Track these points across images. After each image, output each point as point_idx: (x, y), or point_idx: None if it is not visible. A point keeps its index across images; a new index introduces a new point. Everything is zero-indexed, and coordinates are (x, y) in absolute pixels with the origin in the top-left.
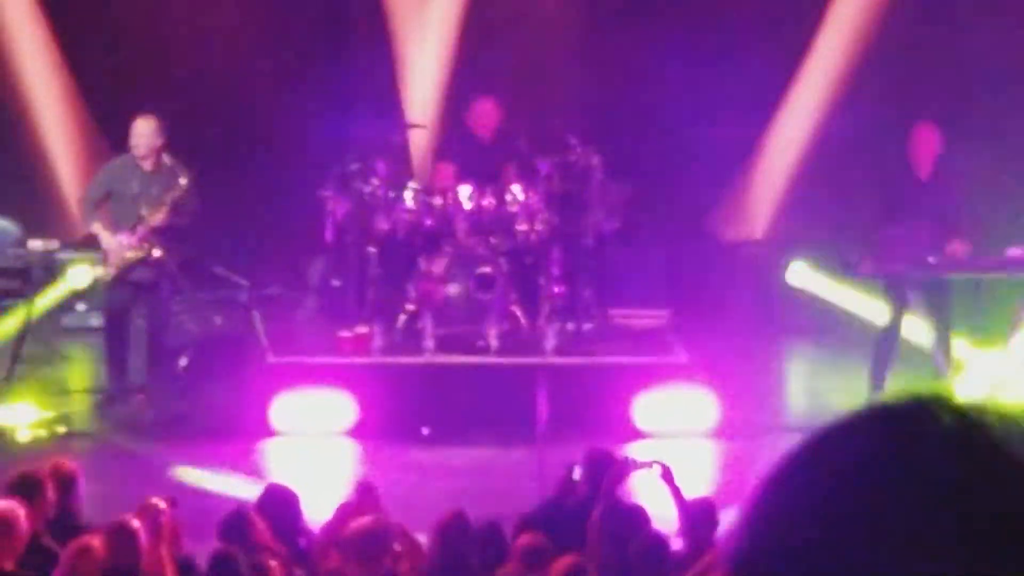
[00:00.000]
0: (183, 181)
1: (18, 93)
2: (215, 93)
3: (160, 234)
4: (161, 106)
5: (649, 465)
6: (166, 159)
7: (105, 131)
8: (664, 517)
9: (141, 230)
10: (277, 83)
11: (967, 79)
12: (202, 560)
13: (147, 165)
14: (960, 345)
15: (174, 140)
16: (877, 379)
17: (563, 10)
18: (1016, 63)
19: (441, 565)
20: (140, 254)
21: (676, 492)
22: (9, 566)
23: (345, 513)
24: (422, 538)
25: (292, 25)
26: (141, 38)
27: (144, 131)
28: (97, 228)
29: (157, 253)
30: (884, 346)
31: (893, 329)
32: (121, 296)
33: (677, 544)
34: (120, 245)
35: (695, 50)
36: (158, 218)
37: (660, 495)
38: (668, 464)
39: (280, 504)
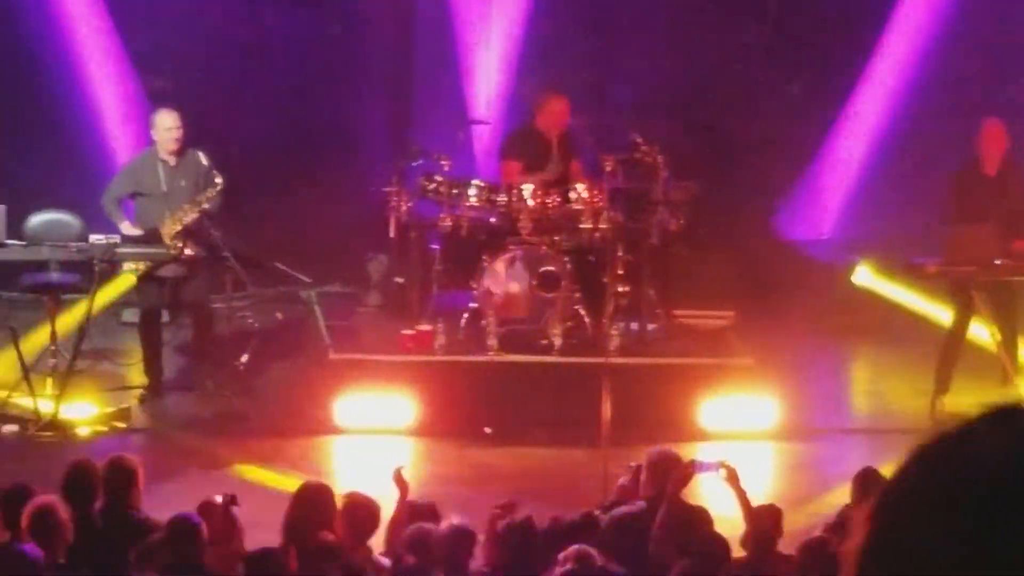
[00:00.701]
0: (219, 180)
1: (80, 90)
2: (277, 90)
3: (191, 233)
4: (221, 103)
5: (715, 467)
6: (202, 159)
7: None
8: (728, 519)
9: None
10: (341, 78)
11: None
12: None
13: (171, 159)
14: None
15: (233, 137)
16: (942, 381)
17: (630, 8)
18: None
19: (503, 567)
20: (174, 250)
21: (742, 495)
22: (60, 559)
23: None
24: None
25: (355, 21)
26: (201, 35)
27: (170, 123)
28: (126, 227)
29: (189, 251)
30: (949, 348)
31: (958, 331)
32: (154, 295)
33: (738, 547)
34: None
35: (763, 48)
36: (190, 217)
37: (725, 497)
38: (734, 466)
39: (314, 501)
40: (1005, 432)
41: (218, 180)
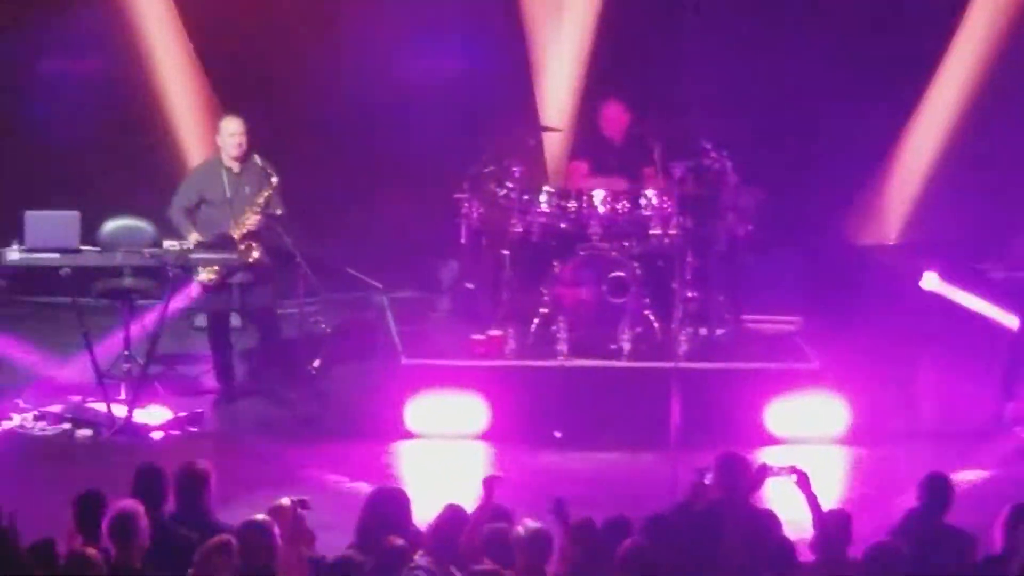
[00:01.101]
0: (275, 180)
1: (155, 100)
2: (348, 99)
3: (255, 237)
4: (297, 113)
5: (786, 471)
6: (256, 159)
7: None
8: (797, 523)
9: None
10: (413, 86)
11: None
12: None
13: (235, 165)
14: None
15: (308, 144)
16: (1007, 387)
17: (700, 12)
18: None
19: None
20: (239, 256)
21: (812, 499)
22: (136, 564)
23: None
24: None
25: (425, 31)
26: (277, 52)
27: (236, 130)
28: (194, 238)
29: (256, 256)
30: (1015, 354)
31: (1023, 337)
32: (222, 300)
33: (807, 552)
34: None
35: (828, 53)
36: (253, 222)
37: (794, 502)
38: (804, 471)
39: (391, 506)
40: None
41: (273, 179)
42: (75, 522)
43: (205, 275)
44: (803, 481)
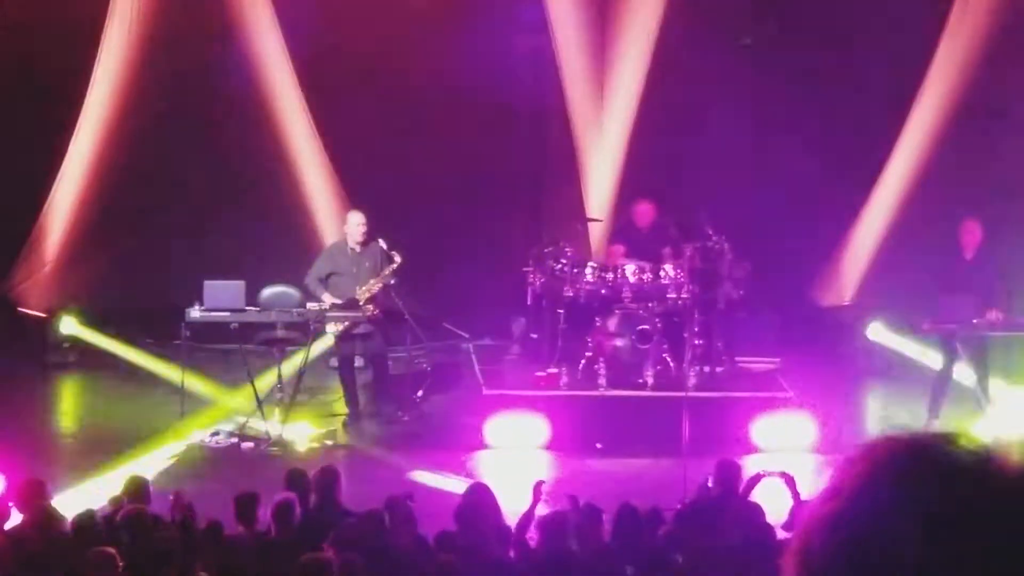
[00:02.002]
0: (398, 259)
1: (298, 188)
2: (447, 196)
3: (374, 299)
4: (406, 201)
5: (777, 474)
6: (382, 244)
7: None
8: (776, 513)
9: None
10: (495, 185)
11: (1006, 179)
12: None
13: (357, 247)
14: (996, 386)
15: (417, 225)
16: (933, 410)
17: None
18: None
19: (617, 544)
20: (363, 314)
21: (796, 494)
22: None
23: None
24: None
25: (504, 144)
26: (387, 148)
27: (358, 221)
28: (327, 297)
29: (373, 311)
30: (939, 385)
31: (946, 373)
32: (349, 346)
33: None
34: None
35: (800, 161)
36: (377, 287)
37: (780, 497)
38: (792, 474)
39: (482, 498)
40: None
41: (397, 259)
42: (236, 512)
43: (334, 327)
44: (790, 481)
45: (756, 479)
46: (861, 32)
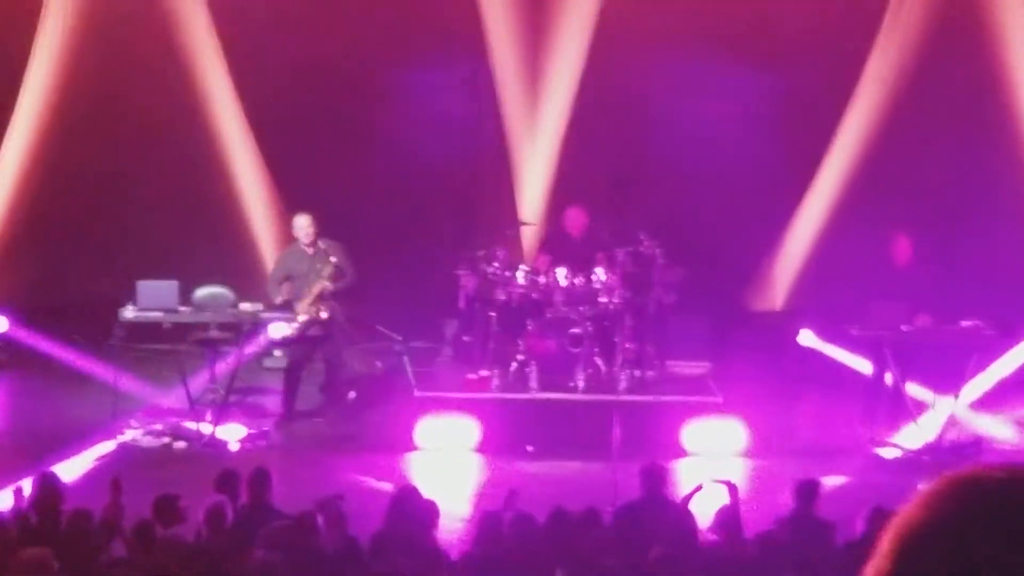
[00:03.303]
0: (333, 259)
1: (232, 189)
2: (384, 207)
3: (324, 300)
4: (339, 211)
5: (722, 483)
6: (321, 243)
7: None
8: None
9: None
10: (428, 191)
11: (938, 187)
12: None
13: (309, 249)
14: (924, 392)
15: (347, 233)
16: (866, 417)
17: (638, 130)
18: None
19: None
20: (313, 316)
21: (735, 502)
22: (223, 539)
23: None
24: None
25: (436, 148)
26: (322, 153)
27: (305, 224)
28: (279, 300)
29: (324, 315)
30: (869, 392)
31: (877, 379)
32: (300, 350)
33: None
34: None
35: (734, 167)
36: (318, 287)
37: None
38: (735, 483)
39: (411, 498)
40: (1009, 477)
41: (332, 259)
42: (153, 514)
43: (288, 330)
44: (733, 489)
45: (698, 488)
46: (794, 41)
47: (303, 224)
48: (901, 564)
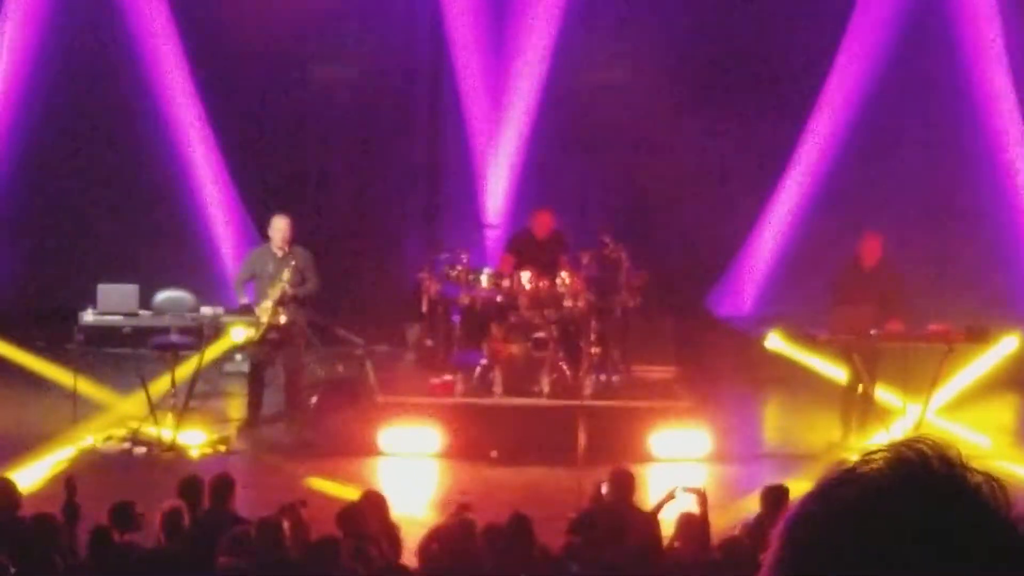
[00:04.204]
0: (294, 263)
1: (194, 198)
2: (341, 207)
3: (285, 304)
4: (300, 212)
5: (693, 490)
6: (291, 248)
7: (255, 224)
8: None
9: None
10: (390, 194)
11: (909, 197)
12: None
13: (279, 252)
14: (892, 395)
15: (310, 236)
16: (844, 425)
17: (604, 131)
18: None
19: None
20: (272, 319)
21: (703, 508)
22: (181, 548)
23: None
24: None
25: (398, 152)
26: (284, 156)
27: (283, 226)
28: (243, 300)
29: (283, 319)
30: (846, 399)
31: (851, 386)
32: (261, 352)
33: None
34: (262, 312)
35: (701, 172)
36: (278, 291)
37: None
38: (704, 492)
39: (373, 505)
40: (898, 470)
41: (292, 262)
42: (109, 520)
43: (250, 333)
44: (702, 498)
45: (669, 497)
46: (763, 42)
47: (281, 226)
48: (790, 552)
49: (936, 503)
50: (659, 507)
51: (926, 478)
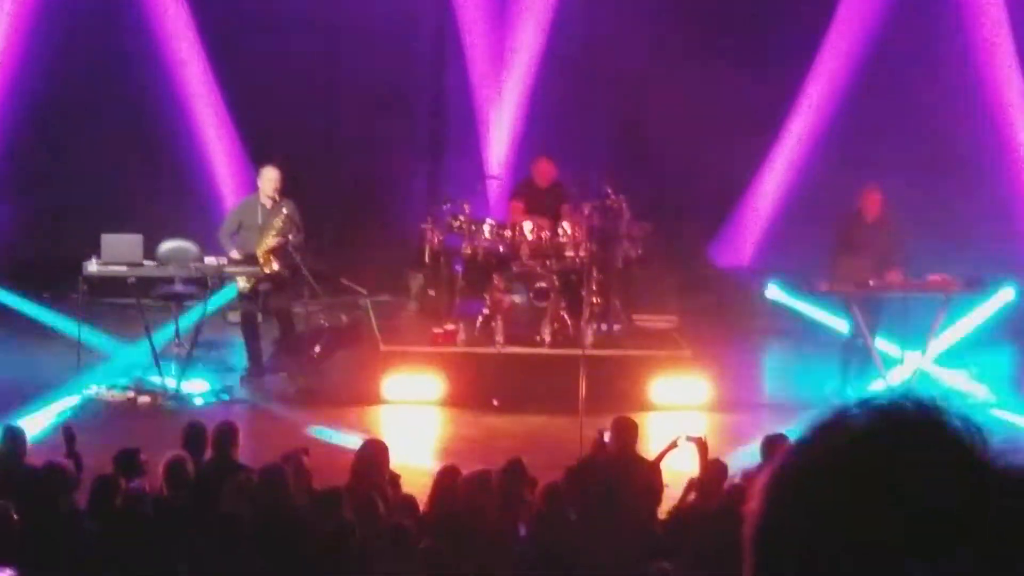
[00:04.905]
0: (285, 211)
1: (198, 148)
2: (348, 152)
3: (276, 253)
4: (308, 158)
5: (695, 439)
6: (286, 205)
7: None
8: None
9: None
10: (395, 142)
11: (910, 149)
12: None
13: (268, 203)
14: (891, 344)
15: (314, 186)
16: (844, 376)
17: (607, 86)
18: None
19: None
20: (267, 268)
21: (704, 457)
22: (184, 498)
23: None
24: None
25: (404, 103)
26: (289, 106)
27: (273, 177)
28: (234, 253)
29: (275, 267)
30: (847, 351)
31: (852, 337)
32: (252, 302)
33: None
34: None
35: (701, 121)
36: (275, 242)
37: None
38: (705, 440)
39: (375, 453)
40: (874, 419)
41: (284, 211)
42: (114, 468)
43: (243, 284)
44: (702, 446)
45: (671, 446)
46: None
47: (272, 176)
48: (771, 504)
49: (911, 449)
50: (662, 456)
51: (902, 425)
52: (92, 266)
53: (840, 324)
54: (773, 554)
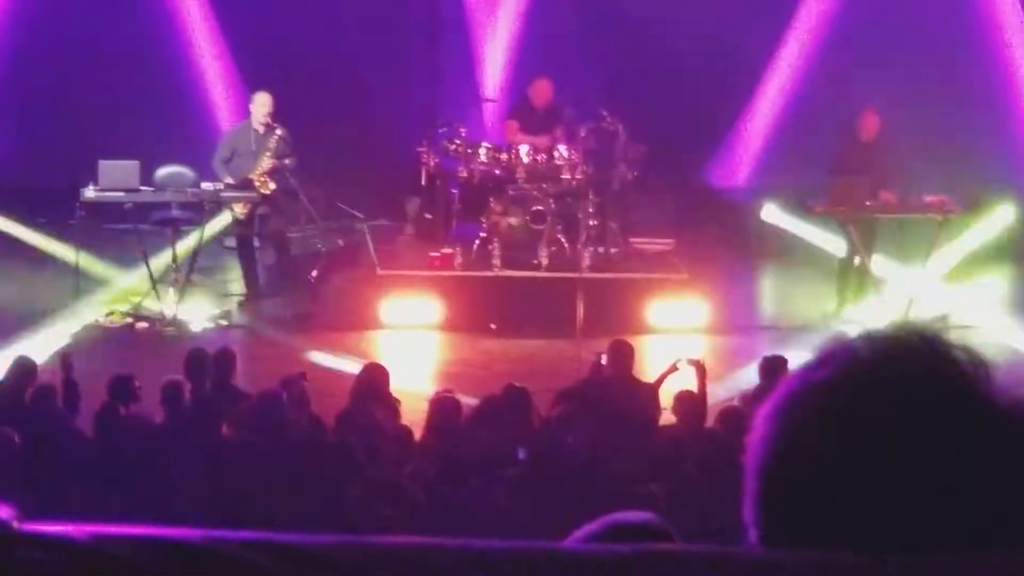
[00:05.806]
0: (279, 132)
1: (194, 74)
2: (345, 78)
3: (272, 175)
4: (303, 90)
5: (693, 362)
6: (279, 129)
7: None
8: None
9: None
10: (391, 67)
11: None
12: (328, 419)
13: (260, 128)
14: (888, 265)
15: (312, 111)
16: (840, 296)
17: (602, 11)
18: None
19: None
20: (258, 192)
21: (703, 381)
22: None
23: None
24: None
25: (400, 27)
26: (283, 31)
27: (265, 102)
28: (229, 180)
29: (271, 188)
30: (843, 271)
31: (849, 258)
32: (248, 227)
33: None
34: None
35: (696, 42)
36: (267, 165)
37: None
38: (703, 363)
39: (375, 377)
40: (866, 349)
41: (278, 132)
42: (108, 393)
43: (239, 210)
44: (701, 369)
45: (671, 369)
46: None
47: (264, 101)
48: (780, 435)
49: (912, 380)
50: (661, 379)
51: (903, 356)
52: (89, 192)
53: (837, 245)
54: (781, 484)
